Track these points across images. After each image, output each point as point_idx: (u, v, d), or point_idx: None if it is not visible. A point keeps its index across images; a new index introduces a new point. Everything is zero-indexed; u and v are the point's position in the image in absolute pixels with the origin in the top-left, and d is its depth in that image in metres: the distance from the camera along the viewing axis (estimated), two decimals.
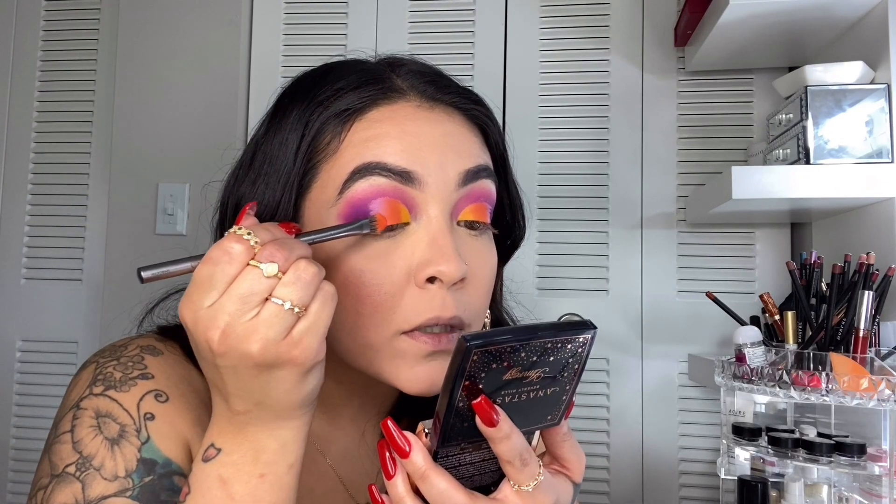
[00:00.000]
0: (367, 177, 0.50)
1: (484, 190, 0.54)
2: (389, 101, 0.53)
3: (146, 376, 0.53)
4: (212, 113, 1.52)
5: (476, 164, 0.53)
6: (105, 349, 0.56)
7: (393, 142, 0.51)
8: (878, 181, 1.00)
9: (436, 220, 0.51)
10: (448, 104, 0.55)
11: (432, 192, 0.51)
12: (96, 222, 1.58)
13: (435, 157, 0.51)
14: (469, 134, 0.55)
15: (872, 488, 0.84)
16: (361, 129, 0.51)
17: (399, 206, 0.50)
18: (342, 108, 0.52)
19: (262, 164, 0.54)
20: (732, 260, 1.40)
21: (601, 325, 1.54)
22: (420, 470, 0.42)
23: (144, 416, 0.51)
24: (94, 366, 0.54)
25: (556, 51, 1.48)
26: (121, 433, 0.50)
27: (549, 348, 0.41)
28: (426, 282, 0.50)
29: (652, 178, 1.43)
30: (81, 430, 0.50)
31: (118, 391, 0.51)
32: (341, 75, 0.54)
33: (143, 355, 0.55)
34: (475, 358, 0.39)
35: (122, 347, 0.56)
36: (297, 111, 0.54)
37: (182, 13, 1.56)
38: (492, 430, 0.41)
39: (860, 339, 0.86)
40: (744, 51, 1.30)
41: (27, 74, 1.63)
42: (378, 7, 1.52)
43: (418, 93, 0.54)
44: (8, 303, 1.59)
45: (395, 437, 0.43)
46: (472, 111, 0.56)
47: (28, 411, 1.55)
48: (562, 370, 0.42)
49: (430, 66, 0.58)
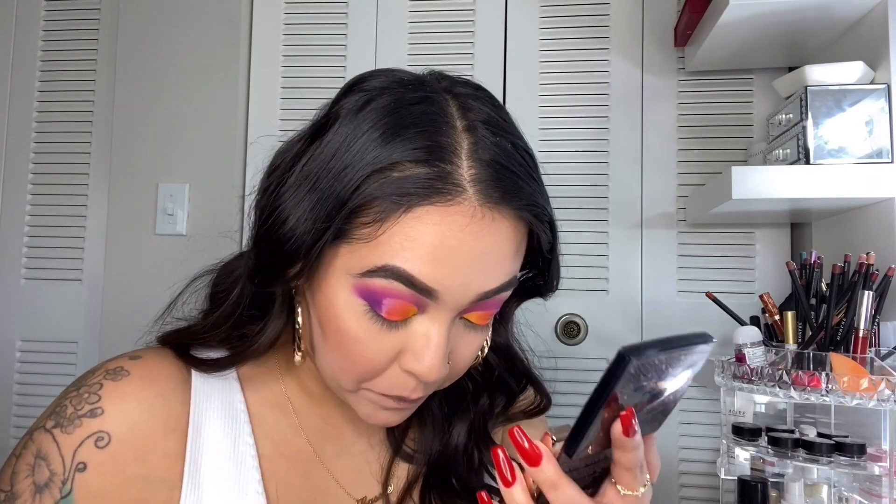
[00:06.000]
0: (389, 279, 0.48)
1: (497, 301, 0.52)
2: (444, 202, 0.47)
3: (94, 413, 0.52)
4: (212, 113, 1.52)
5: (499, 284, 0.51)
6: (87, 371, 0.56)
7: (428, 254, 0.47)
8: (878, 181, 1.00)
9: (438, 325, 0.50)
10: (507, 209, 0.49)
11: (445, 304, 0.50)
12: (96, 222, 1.58)
13: (462, 277, 0.48)
14: (509, 248, 0.50)
15: (872, 488, 0.84)
16: (406, 225, 0.47)
17: (410, 308, 0.49)
18: (400, 191, 0.47)
19: (314, 172, 0.49)
20: (732, 260, 1.40)
21: (601, 325, 1.53)
22: (551, 479, 0.42)
23: (77, 466, 0.50)
24: (66, 390, 0.54)
25: (556, 51, 1.48)
26: (47, 482, 0.50)
27: (682, 360, 0.41)
28: (407, 371, 0.51)
29: (652, 178, 1.43)
30: (21, 464, 0.51)
31: (63, 431, 0.51)
32: (419, 125, 0.49)
33: (104, 382, 0.53)
34: (631, 371, 0.39)
35: (90, 373, 0.55)
36: (362, 143, 0.48)
37: (182, 13, 1.56)
38: (628, 439, 0.41)
39: (860, 339, 0.86)
40: (744, 51, 1.30)
41: (27, 74, 1.63)
42: (378, 7, 1.51)
43: (481, 195, 0.48)
44: (8, 303, 1.59)
45: (526, 446, 0.43)
46: (526, 216, 0.51)
47: (28, 411, 1.55)
48: (682, 380, 0.43)
49: (502, 133, 0.52)
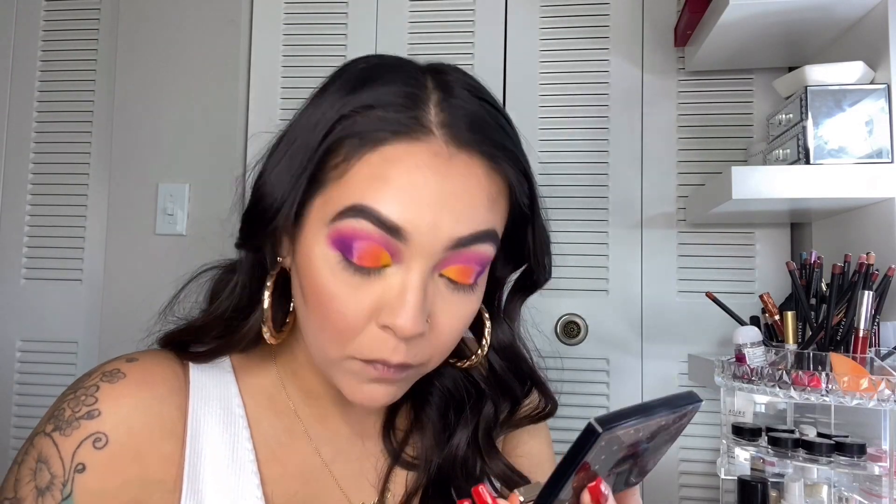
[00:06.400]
0: (358, 218, 0.48)
1: (476, 254, 0.52)
2: (409, 140, 0.49)
3: (91, 414, 0.52)
4: (212, 113, 1.52)
5: (472, 232, 0.50)
6: (84, 374, 0.56)
7: (393, 192, 0.48)
8: (878, 181, 1.00)
9: (413, 274, 0.50)
10: (475, 152, 0.51)
11: (417, 248, 0.49)
12: (96, 222, 1.58)
13: (430, 216, 0.49)
14: (481, 193, 0.51)
15: (872, 488, 0.84)
16: (372, 164, 0.49)
17: (381, 251, 0.49)
18: (363, 130, 0.49)
19: (288, 143, 0.53)
20: (732, 260, 1.40)
21: (601, 325, 1.54)
22: None
23: (76, 467, 0.51)
24: (64, 393, 0.55)
25: (556, 51, 1.48)
26: (49, 485, 0.51)
27: (663, 425, 0.41)
28: (384, 326, 0.50)
29: (652, 178, 1.43)
30: (24, 469, 0.52)
31: (62, 434, 0.52)
32: (382, 82, 0.51)
33: (100, 384, 0.54)
34: (602, 443, 0.38)
35: (87, 376, 0.55)
36: (329, 106, 0.51)
37: (182, 13, 1.56)
38: None
39: (860, 339, 0.85)
40: (744, 51, 1.30)
41: (27, 74, 1.63)
42: (378, 7, 1.51)
43: (447, 135, 0.50)
44: (8, 303, 1.59)
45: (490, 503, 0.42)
46: (501, 164, 0.52)
47: (28, 411, 1.55)
48: (664, 440, 0.43)
49: (479, 99, 0.53)
